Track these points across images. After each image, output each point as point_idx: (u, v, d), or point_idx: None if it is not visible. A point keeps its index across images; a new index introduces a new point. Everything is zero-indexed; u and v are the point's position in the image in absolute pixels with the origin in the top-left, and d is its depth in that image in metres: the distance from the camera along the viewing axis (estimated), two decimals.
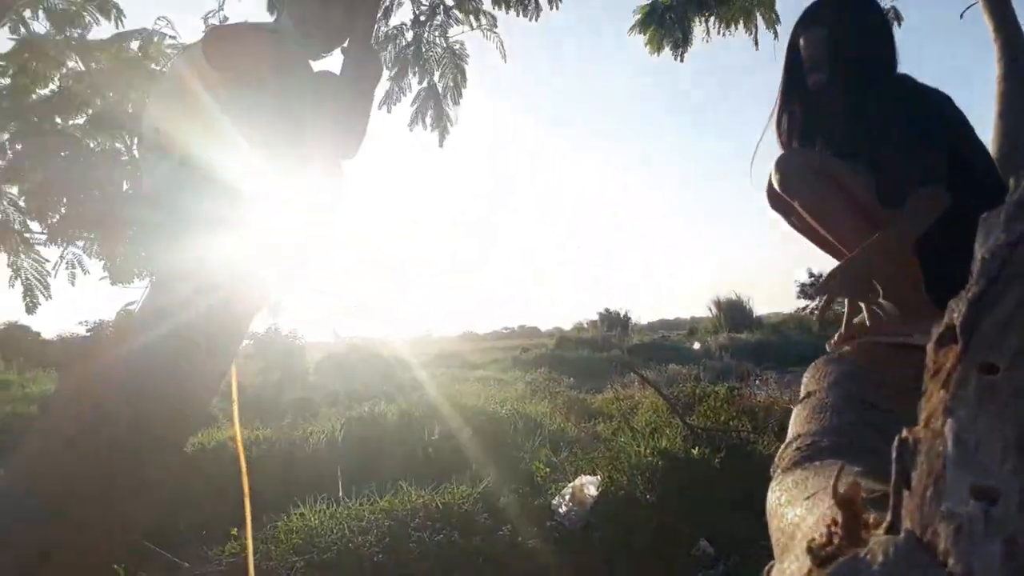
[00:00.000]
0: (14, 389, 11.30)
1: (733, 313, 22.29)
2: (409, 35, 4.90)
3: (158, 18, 5.35)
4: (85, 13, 5.11)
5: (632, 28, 5.49)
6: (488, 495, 4.53)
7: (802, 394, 1.69)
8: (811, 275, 21.45)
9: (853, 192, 1.92)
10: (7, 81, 4.88)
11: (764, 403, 6.81)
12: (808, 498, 0.95)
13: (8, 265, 4.80)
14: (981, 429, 0.41)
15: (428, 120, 5.17)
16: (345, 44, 2.28)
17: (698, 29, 5.48)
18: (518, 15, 5.12)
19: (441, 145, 5.25)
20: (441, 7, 5.00)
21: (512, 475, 4.97)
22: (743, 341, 16.80)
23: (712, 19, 5.41)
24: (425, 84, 5.08)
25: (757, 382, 8.69)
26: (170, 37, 5.28)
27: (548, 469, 4.97)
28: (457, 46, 5.09)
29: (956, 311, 0.46)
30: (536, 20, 5.10)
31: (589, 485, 4.46)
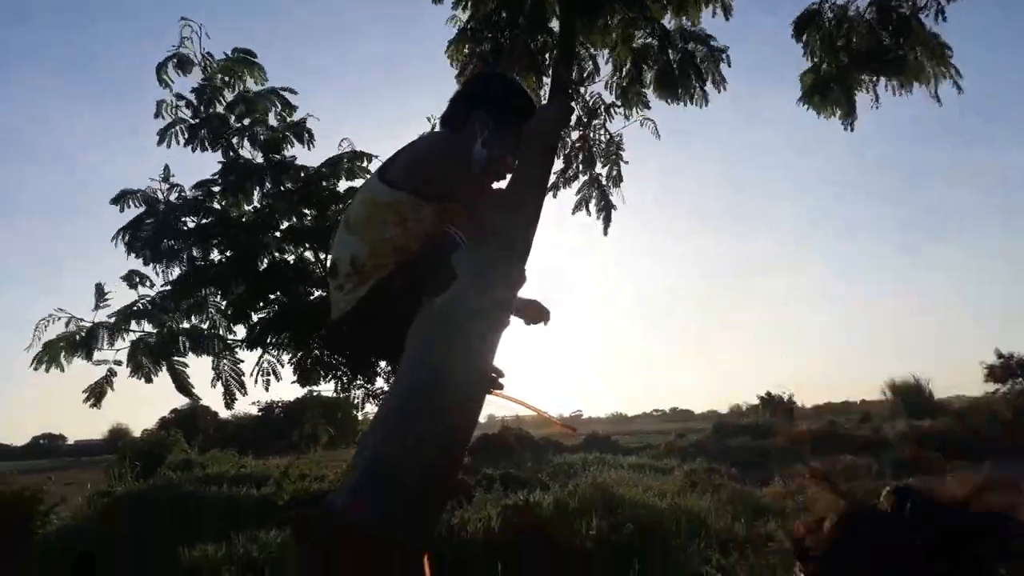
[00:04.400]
0: (196, 470, 12.11)
1: (910, 397, 20.46)
2: (575, 135, 5.04)
3: (342, 140, 5.86)
4: (282, 139, 5.72)
5: (800, 99, 5.29)
6: None
7: None
8: (1000, 356, 19.32)
9: None
10: (218, 203, 5.52)
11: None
12: None
13: (212, 368, 5.30)
14: None
15: (592, 207, 5.23)
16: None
17: (866, 95, 5.21)
18: (686, 105, 5.09)
19: (606, 233, 5.29)
20: (602, 106, 5.11)
21: None
22: (924, 429, 15.29)
23: (882, 82, 5.14)
24: (587, 176, 5.18)
25: (948, 479, 7.77)
26: (358, 160, 5.72)
27: (719, 574, 4.61)
28: (617, 138, 5.16)
29: None
30: (705, 105, 5.05)
31: None
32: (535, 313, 2.39)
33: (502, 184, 2.37)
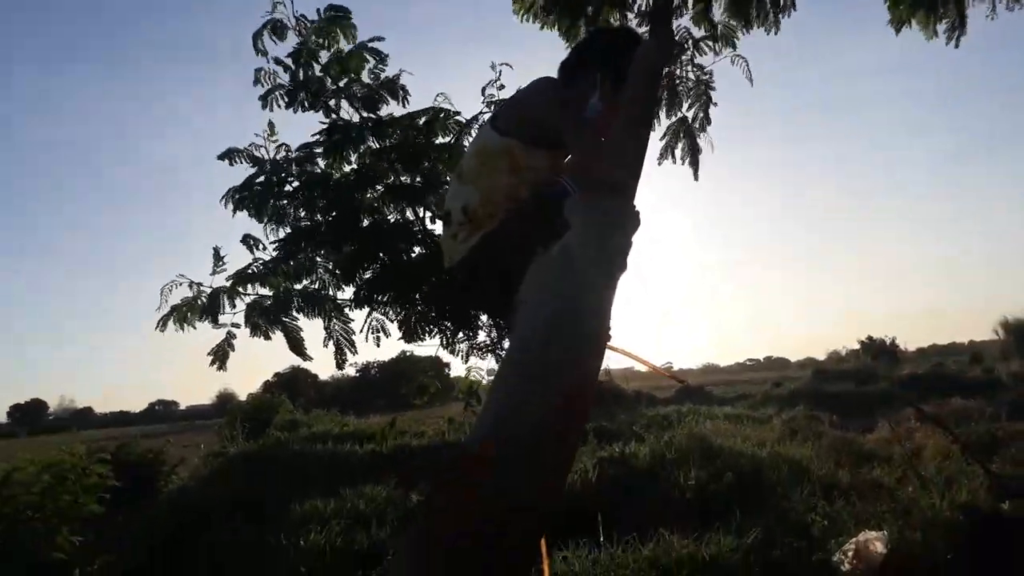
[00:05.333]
0: (302, 429, 12.68)
1: None
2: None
3: (438, 94, 5.86)
4: (378, 97, 5.76)
5: (893, 14, 4.86)
6: (759, 548, 4.19)
7: None
8: None
9: None
10: (318, 167, 5.64)
11: None
12: None
13: (324, 328, 5.48)
14: None
15: (679, 153, 5.04)
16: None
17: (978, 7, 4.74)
18: (755, 27, 4.86)
19: (696, 178, 5.10)
20: (690, 40, 4.87)
21: (782, 526, 4.57)
22: None
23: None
24: (674, 118, 4.97)
25: None
26: (454, 113, 5.73)
27: (825, 521, 4.51)
28: (707, 76, 4.93)
29: None
30: (777, 31, 4.81)
31: (876, 542, 3.97)
32: None
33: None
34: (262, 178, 5.65)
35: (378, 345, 5.62)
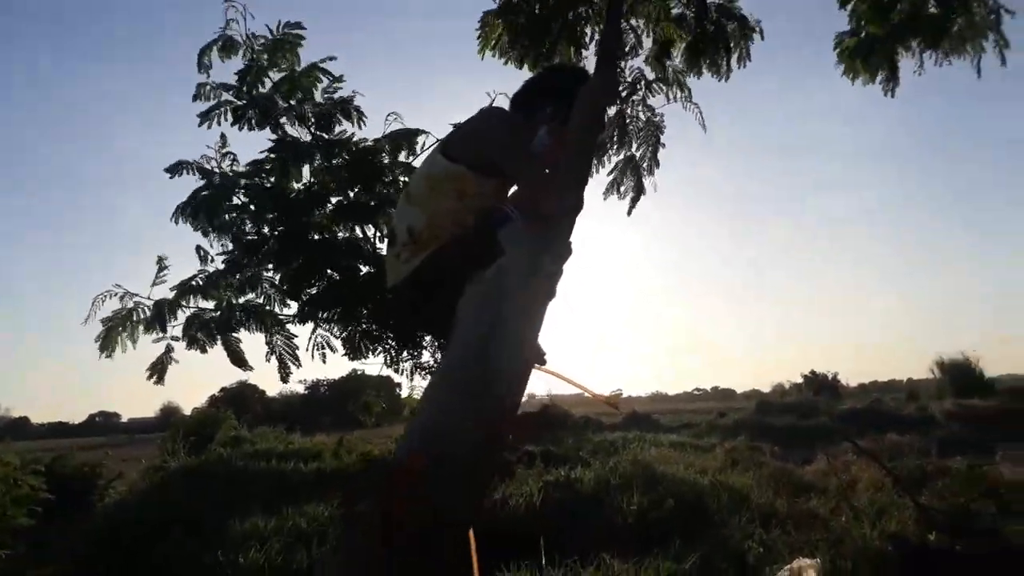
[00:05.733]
0: (245, 446, 12.40)
1: (959, 375, 20.07)
2: (612, 111, 4.96)
3: (389, 114, 5.87)
4: (333, 118, 5.75)
5: (840, 65, 5.12)
6: (696, 574, 4.28)
7: None
8: None
9: None
10: (269, 181, 5.59)
11: (1011, 483, 5.98)
12: None
13: (266, 343, 5.42)
14: None
15: (623, 189, 5.15)
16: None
17: (910, 61, 5.03)
18: (711, 75, 5.04)
19: (629, 214, 5.21)
20: (642, 82, 5.02)
21: (720, 552, 4.67)
22: (975, 408, 14.99)
23: (928, 51, 4.97)
24: (623, 156, 5.10)
25: (998, 457, 7.66)
26: (415, 136, 5.73)
27: (761, 549, 4.62)
28: (657, 118, 5.07)
29: None
30: (727, 80, 5.00)
31: (809, 569, 4.08)
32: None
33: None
34: (208, 191, 5.58)
35: (324, 361, 5.60)
